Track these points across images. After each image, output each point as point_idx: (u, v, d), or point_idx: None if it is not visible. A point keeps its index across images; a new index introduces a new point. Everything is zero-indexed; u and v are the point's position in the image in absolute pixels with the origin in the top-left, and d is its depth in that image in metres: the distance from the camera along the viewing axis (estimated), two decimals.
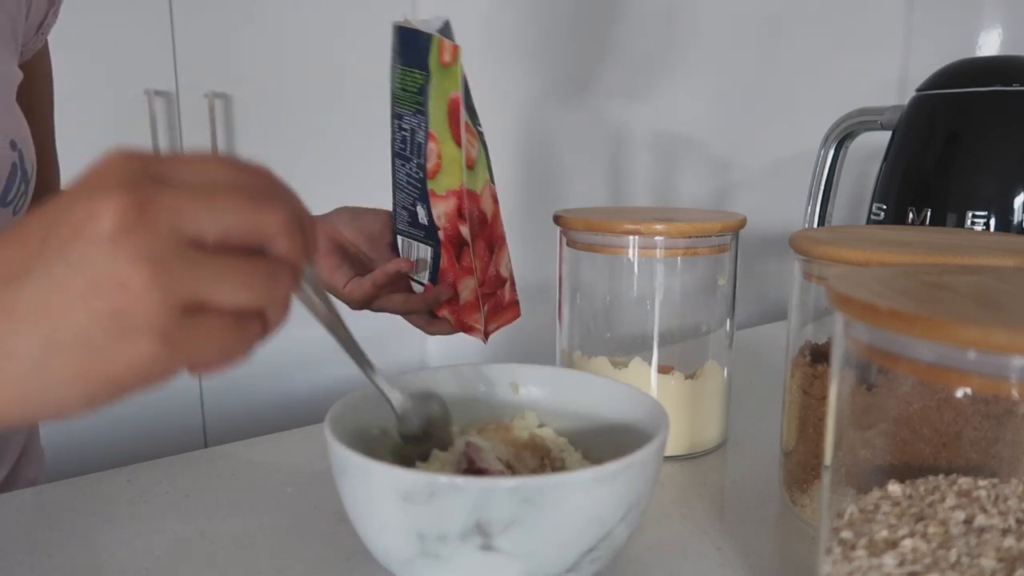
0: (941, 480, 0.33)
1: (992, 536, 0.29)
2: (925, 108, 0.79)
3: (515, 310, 0.59)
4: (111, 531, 0.45)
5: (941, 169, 0.76)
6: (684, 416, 0.55)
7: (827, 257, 0.42)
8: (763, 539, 0.45)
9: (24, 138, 0.52)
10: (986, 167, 0.75)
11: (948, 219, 0.74)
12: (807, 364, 0.46)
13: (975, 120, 0.75)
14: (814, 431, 0.45)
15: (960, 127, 0.76)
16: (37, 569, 0.42)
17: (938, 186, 0.76)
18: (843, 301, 0.29)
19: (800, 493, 0.46)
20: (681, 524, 0.46)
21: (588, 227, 0.55)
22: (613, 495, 0.35)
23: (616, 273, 0.59)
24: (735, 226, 0.55)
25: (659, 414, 0.41)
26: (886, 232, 0.48)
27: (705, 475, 0.53)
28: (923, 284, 0.30)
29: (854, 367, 0.32)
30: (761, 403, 0.66)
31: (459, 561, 0.34)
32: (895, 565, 0.28)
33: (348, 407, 0.42)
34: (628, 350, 0.57)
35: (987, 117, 0.75)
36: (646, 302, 0.56)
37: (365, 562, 0.41)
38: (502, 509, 0.33)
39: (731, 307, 0.58)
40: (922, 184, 0.77)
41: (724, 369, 0.58)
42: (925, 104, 0.79)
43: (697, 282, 0.58)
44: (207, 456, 0.56)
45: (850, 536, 0.31)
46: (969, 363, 0.26)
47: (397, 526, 0.35)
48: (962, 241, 0.43)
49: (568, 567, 0.35)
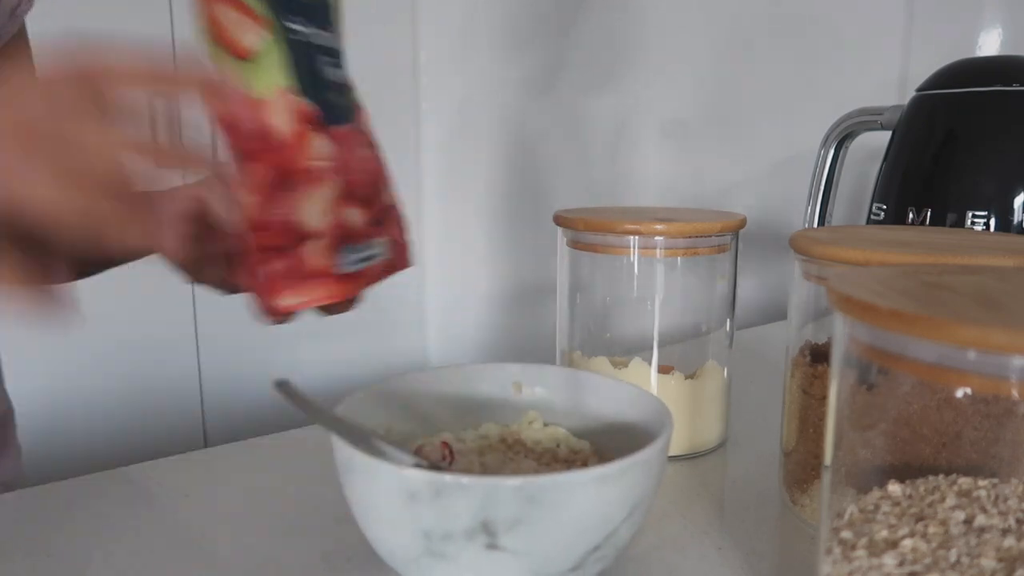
0: (941, 480, 0.33)
1: (992, 536, 0.29)
2: (925, 108, 0.79)
3: (336, 286, 0.39)
4: (111, 531, 0.45)
5: (941, 169, 0.76)
6: (684, 416, 0.55)
7: (827, 257, 0.42)
8: (763, 539, 0.45)
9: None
10: (986, 167, 0.75)
11: (948, 219, 0.74)
12: (807, 364, 0.46)
13: (975, 120, 0.75)
14: (814, 431, 0.45)
15: (960, 127, 0.76)
16: (37, 569, 0.42)
17: (938, 186, 0.76)
18: (843, 301, 0.29)
19: (800, 493, 0.46)
20: (681, 524, 0.46)
21: (588, 227, 0.55)
22: (619, 494, 0.35)
23: (616, 273, 0.59)
24: (735, 226, 0.55)
25: (662, 413, 0.41)
26: (886, 232, 0.48)
27: (705, 475, 0.53)
28: (923, 284, 0.30)
29: (854, 367, 0.32)
30: (761, 403, 0.66)
31: (464, 560, 0.34)
32: (895, 565, 0.28)
33: (351, 406, 0.42)
34: (628, 350, 0.57)
35: (987, 117, 0.75)
36: (646, 302, 0.56)
37: (365, 562, 0.41)
38: (508, 508, 0.33)
39: (731, 307, 0.58)
40: (922, 184, 0.77)
41: (724, 369, 0.58)
42: (925, 104, 0.79)
43: (697, 282, 0.58)
44: (207, 456, 0.56)
45: (850, 536, 0.31)
46: (969, 363, 0.26)
47: (402, 525, 0.35)
48: (962, 241, 0.43)
49: (573, 566, 0.35)
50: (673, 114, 1.27)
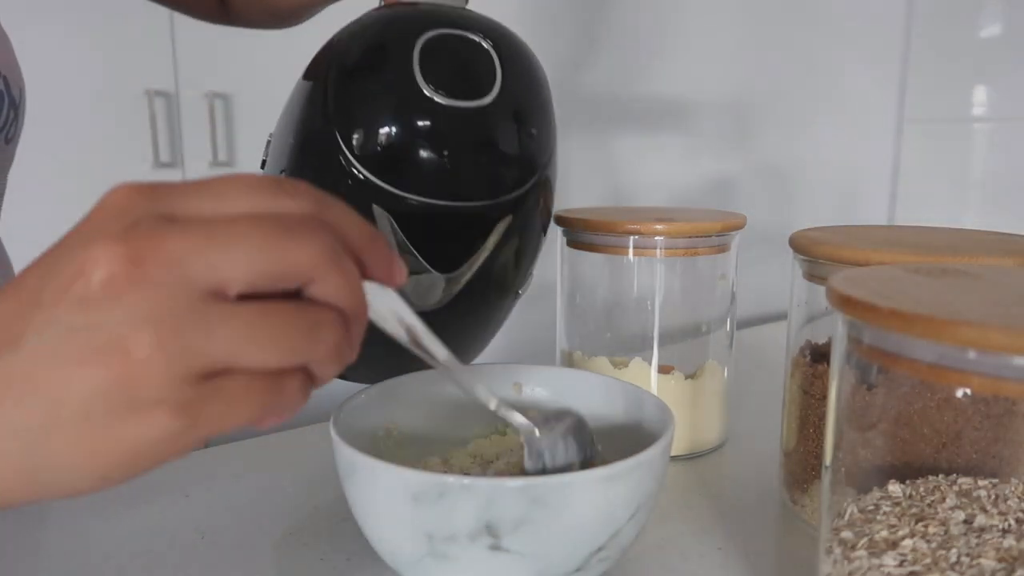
0: (941, 480, 0.33)
1: (992, 536, 0.29)
2: None
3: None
4: (110, 531, 0.45)
5: None
6: (684, 416, 0.55)
7: (827, 257, 0.42)
8: (763, 539, 0.45)
9: (7, 64, 0.48)
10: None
11: None
12: (807, 364, 0.46)
13: None
14: (814, 431, 0.45)
15: None
16: (37, 569, 0.42)
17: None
18: (843, 301, 0.29)
19: (800, 493, 0.46)
20: (681, 524, 0.46)
21: (588, 227, 0.55)
22: (623, 494, 0.35)
23: (616, 273, 0.59)
24: (735, 226, 0.55)
25: (664, 413, 0.41)
26: (886, 232, 0.48)
27: (705, 475, 0.53)
28: (923, 284, 0.30)
29: (854, 367, 0.32)
30: (761, 403, 0.66)
31: (468, 561, 0.34)
32: (895, 565, 0.28)
33: (353, 407, 0.42)
34: (628, 350, 0.57)
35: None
36: (646, 302, 0.56)
37: (366, 562, 0.41)
38: (511, 509, 0.33)
39: (731, 307, 0.58)
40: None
41: (724, 369, 0.58)
42: None
43: (697, 282, 0.58)
44: (207, 456, 0.56)
45: (850, 536, 0.31)
46: (969, 363, 0.26)
47: (406, 527, 0.35)
48: (962, 241, 0.43)
49: (577, 566, 0.35)
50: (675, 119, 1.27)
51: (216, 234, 0.22)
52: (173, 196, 0.23)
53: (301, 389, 0.24)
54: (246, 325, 0.22)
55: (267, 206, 0.23)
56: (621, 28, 1.20)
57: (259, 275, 0.22)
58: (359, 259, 0.25)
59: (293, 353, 0.23)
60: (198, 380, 0.22)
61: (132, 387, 0.21)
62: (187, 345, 0.21)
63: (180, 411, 0.22)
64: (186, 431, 0.22)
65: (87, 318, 0.21)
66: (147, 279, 0.21)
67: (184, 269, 0.21)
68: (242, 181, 0.24)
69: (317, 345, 0.23)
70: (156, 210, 0.22)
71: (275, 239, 0.22)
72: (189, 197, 0.23)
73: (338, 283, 0.23)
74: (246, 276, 0.22)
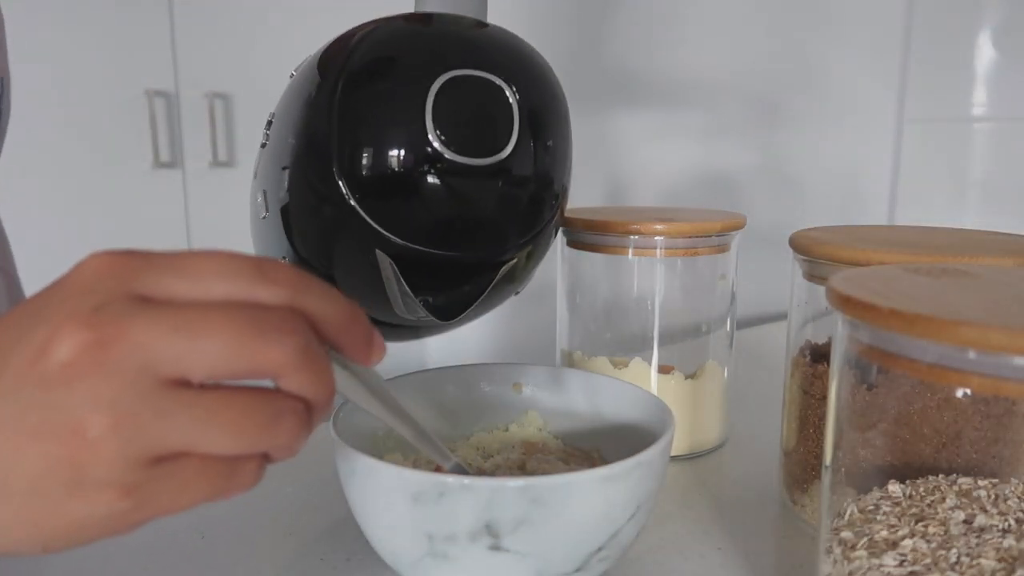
0: (941, 480, 0.33)
1: (992, 536, 0.29)
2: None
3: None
4: None
5: None
6: (684, 416, 0.55)
7: (827, 257, 0.42)
8: (763, 539, 0.45)
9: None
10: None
11: None
12: (807, 364, 0.46)
13: None
14: (814, 431, 0.45)
15: None
16: (36, 569, 0.42)
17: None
18: (843, 301, 0.29)
19: (800, 493, 0.47)
20: (681, 524, 0.46)
21: (588, 227, 0.55)
22: (623, 494, 0.35)
23: (616, 273, 0.59)
24: (735, 226, 0.55)
25: (664, 413, 0.41)
26: (886, 232, 0.48)
27: (705, 475, 0.53)
28: (923, 284, 0.30)
29: (854, 367, 0.32)
30: (761, 403, 0.66)
31: (468, 561, 0.34)
32: (895, 565, 0.28)
33: (354, 407, 0.42)
34: (628, 350, 0.57)
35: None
36: (646, 302, 0.56)
37: (366, 562, 0.41)
38: (511, 509, 0.33)
39: (731, 307, 0.58)
40: None
41: (724, 369, 0.58)
42: None
43: (697, 282, 0.58)
44: None
45: (850, 536, 0.31)
46: (969, 363, 0.26)
47: (406, 527, 0.35)
48: (962, 241, 0.43)
49: (577, 566, 0.35)
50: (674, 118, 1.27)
51: (185, 325, 0.22)
52: (149, 274, 0.23)
53: (255, 472, 0.24)
54: (206, 412, 0.22)
55: (243, 294, 0.23)
56: (622, 28, 1.20)
57: (225, 371, 0.22)
58: (336, 342, 0.25)
59: (251, 443, 0.23)
60: (151, 463, 0.22)
61: (82, 466, 0.21)
62: (142, 430, 0.21)
63: (128, 492, 0.22)
64: (133, 511, 0.22)
65: (46, 396, 0.21)
66: (109, 364, 0.21)
67: (148, 357, 0.21)
68: (222, 263, 0.23)
69: (278, 436, 0.23)
70: (129, 289, 0.22)
71: (246, 338, 0.22)
72: (165, 276, 0.23)
73: (304, 381, 0.23)
74: (212, 371, 0.22)
